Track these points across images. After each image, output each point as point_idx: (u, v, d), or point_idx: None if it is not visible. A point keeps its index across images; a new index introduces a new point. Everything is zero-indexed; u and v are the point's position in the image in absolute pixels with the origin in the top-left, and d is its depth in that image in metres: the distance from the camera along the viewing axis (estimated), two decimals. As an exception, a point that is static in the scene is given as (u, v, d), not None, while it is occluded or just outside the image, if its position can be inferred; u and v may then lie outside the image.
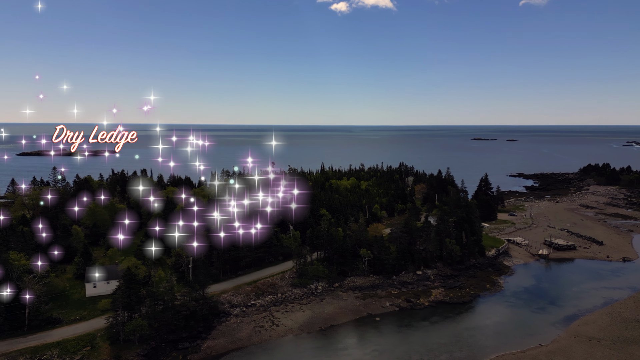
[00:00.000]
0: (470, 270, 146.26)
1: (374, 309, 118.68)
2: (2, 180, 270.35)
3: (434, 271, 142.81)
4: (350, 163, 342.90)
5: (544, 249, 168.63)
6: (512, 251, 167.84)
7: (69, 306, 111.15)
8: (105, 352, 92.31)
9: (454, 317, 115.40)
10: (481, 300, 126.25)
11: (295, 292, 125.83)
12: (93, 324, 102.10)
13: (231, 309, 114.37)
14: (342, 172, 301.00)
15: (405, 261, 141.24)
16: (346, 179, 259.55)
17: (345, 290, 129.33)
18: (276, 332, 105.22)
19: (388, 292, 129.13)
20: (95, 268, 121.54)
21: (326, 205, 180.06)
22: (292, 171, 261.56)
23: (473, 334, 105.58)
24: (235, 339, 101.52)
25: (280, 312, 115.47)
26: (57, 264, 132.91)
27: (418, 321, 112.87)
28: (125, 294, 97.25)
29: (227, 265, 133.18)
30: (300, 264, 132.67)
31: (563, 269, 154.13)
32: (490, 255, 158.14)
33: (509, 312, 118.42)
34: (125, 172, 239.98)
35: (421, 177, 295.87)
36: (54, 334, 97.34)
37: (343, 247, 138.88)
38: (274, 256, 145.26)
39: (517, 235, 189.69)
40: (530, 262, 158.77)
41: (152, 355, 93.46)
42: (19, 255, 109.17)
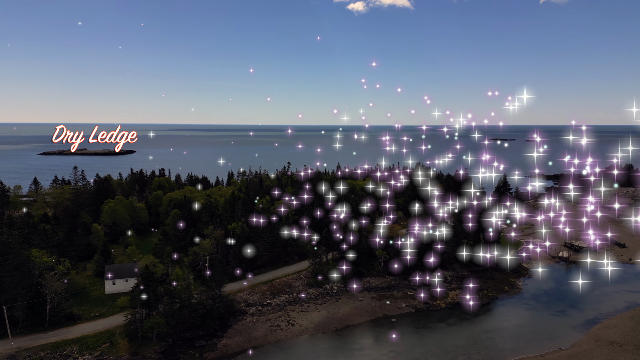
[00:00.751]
0: (488, 272, 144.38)
1: (390, 310, 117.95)
2: (26, 178, 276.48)
3: (451, 272, 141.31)
4: (365, 163, 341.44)
5: (564, 251, 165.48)
6: (531, 253, 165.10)
7: (88, 303, 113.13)
8: (123, 349, 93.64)
9: (471, 319, 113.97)
10: (499, 303, 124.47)
11: (310, 291, 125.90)
12: (112, 320, 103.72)
13: (247, 307, 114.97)
14: (358, 172, 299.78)
15: (422, 262, 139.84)
16: (362, 179, 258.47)
17: (361, 290, 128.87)
18: (292, 332, 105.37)
19: (404, 293, 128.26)
20: (114, 266, 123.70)
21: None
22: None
23: (491, 337, 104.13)
24: (251, 337, 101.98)
25: (295, 311, 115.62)
26: (78, 261, 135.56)
27: (435, 323, 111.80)
28: (143, 292, 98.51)
29: (243, 264, 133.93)
30: (316, 263, 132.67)
31: (583, 271, 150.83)
32: (508, 257, 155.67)
33: (528, 315, 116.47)
34: (143, 172, 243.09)
35: (438, 177, 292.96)
36: (74, 330, 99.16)
37: (359, 248, 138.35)
38: (290, 256, 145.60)
39: (537, 236, 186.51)
40: (549, 265, 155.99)
41: (170, 352, 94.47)
42: (40, 253, 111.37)
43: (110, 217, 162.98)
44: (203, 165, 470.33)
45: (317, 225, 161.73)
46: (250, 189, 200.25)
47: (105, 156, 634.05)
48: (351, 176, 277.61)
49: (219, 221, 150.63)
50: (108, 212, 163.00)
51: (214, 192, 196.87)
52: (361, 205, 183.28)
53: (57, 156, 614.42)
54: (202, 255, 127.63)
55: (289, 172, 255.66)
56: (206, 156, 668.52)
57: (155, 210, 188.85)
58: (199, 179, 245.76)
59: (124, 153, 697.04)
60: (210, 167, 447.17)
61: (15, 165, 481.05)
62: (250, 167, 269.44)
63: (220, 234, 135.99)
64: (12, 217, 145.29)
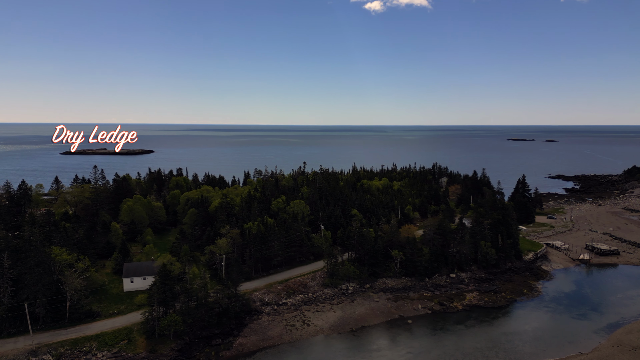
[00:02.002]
0: (506, 274, 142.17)
1: (406, 311, 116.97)
2: (48, 177, 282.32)
3: (468, 274, 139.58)
4: (382, 163, 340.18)
5: (585, 254, 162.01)
6: (551, 255, 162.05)
7: (107, 300, 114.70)
8: (141, 346, 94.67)
9: (489, 322, 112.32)
10: (518, 305, 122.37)
11: (326, 292, 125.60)
12: (130, 318, 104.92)
13: (263, 307, 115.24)
14: (374, 172, 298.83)
15: (439, 263, 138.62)
16: (378, 179, 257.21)
17: (376, 291, 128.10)
18: (307, 332, 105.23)
19: (420, 295, 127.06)
20: (132, 264, 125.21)
21: (357, 205, 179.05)
22: (323, 171, 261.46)
23: (510, 339, 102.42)
24: (267, 337, 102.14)
25: (311, 311, 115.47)
26: (97, 259, 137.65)
27: (452, 325, 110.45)
28: (161, 290, 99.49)
29: (259, 263, 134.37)
30: (331, 264, 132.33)
31: (605, 274, 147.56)
32: (527, 259, 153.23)
33: (547, 318, 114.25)
34: (161, 171, 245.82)
35: (455, 178, 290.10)
36: (93, 327, 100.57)
37: (374, 248, 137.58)
38: (305, 255, 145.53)
39: (557, 239, 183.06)
40: (570, 267, 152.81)
41: (186, 350, 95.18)
42: (61, 250, 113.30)
43: (128, 216, 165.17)
44: (220, 165, 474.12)
45: (333, 225, 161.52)
46: (266, 188, 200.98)
47: (125, 156, 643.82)
48: (367, 176, 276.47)
49: (235, 220, 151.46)
50: (126, 211, 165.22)
51: (231, 191, 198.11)
52: (377, 205, 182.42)
53: (77, 156, 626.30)
54: (218, 254, 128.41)
55: (305, 172, 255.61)
56: (224, 156, 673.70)
57: (172, 209, 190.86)
58: (215, 179, 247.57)
59: (142, 153, 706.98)
60: (227, 166, 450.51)
61: (37, 165, 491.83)
62: (267, 166, 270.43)
63: (237, 233, 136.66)
64: (33, 215, 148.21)
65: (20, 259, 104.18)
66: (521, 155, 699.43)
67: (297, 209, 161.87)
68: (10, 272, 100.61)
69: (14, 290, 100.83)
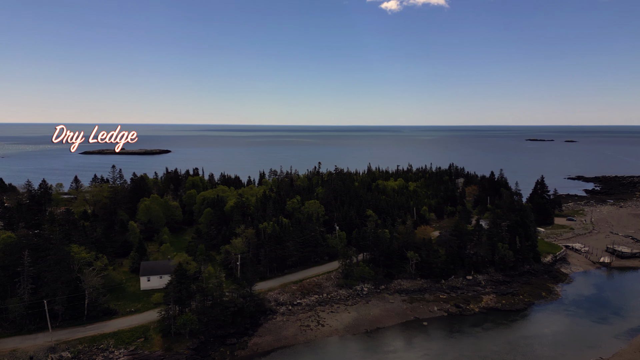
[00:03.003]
0: (524, 276, 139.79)
1: (422, 313, 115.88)
2: (68, 176, 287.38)
3: (485, 276, 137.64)
4: (397, 164, 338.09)
5: (606, 257, 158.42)
6: (570, 258, 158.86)
7: (124, 298, 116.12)
8: (157, 344, 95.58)
9: (507, 325, 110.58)
10: (536, 308, 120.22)
11: (340, 292, 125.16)
12: (147, 316, 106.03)
13: (277, 307, 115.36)
14: (390, 172, 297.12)
15: (455, 265, 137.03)
16: (393, 179, 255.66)
17: (391, 292, 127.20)
18: (321, 332, 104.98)
19: (436, 297, 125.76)
20: (149, 263, 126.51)
21: (373, 206, 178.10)
22: (338, 171, 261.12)
23: (529, 343, 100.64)
24: (281, 337, 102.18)
25: (325, 312, 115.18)
26: (115, 257, 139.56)
27: (468, 327, 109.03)
28: (177, 289, 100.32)
29: (273, 263, 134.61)
30: (346, 264, 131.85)
31: (627, 278, 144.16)
32: (546, 262, 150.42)
33: (567, 322, 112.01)
34: (178, 171, 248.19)
35: (472, 178, 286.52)
36: (111, 324, 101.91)
37: (390, 249, 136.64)
38: (320, 256, 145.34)
39: (576, 241, 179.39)
40: (590, 270, 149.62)
41: (201, 349, 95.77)
42: (80, 249, 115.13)
43: (145, 215, 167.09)
44: (235, 165, 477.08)
45: (347, 225, 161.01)
46: (281, 188, 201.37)
47: (143, 155, 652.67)
48: (383, 176, 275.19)
49: (250, 220, 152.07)
50: (144, 210, 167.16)
51: (246, 191, 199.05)
52: (392, 206, 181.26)
53: (96, 155, 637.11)
54: (233, 253, 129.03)
55: (320, 172, 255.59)
56: (239, 155, 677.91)
57: (189, 208, 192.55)
58: (231, 179, 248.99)
59: (160, 153, 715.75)
60: (243, 166, 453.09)
61: (58, 164, 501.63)
62: (282, 166, 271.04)
63: (252, 233, 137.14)
64: (53, 214, 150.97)
65: (41, 257, 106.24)
66: (540, 156, 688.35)
67: (312, 209, 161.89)
68: (31, 269, 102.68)
69: (34, 288, 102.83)
